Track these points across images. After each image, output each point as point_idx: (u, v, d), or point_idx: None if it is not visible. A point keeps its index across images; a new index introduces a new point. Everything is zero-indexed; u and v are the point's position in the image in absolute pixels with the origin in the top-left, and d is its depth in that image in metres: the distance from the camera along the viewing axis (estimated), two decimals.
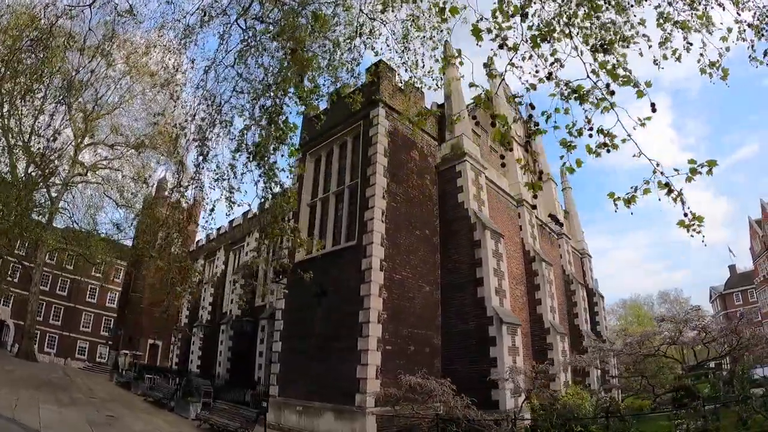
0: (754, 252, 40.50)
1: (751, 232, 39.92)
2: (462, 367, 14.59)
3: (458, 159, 17.66)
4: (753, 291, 46.60)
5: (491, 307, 14.87)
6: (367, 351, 12.79)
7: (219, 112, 8.67)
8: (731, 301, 49.68)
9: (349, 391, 12.79)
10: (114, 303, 42.42)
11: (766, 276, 37.77)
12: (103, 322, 41.67)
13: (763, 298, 39.31)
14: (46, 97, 21.30)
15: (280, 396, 15.36)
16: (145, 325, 40.28)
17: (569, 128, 4.59)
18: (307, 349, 14.90)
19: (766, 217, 36.77)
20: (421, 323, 15.11)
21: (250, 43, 8.15)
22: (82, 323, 40.53)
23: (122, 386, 25.86)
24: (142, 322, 40.45)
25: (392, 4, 7.13)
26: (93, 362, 39.04)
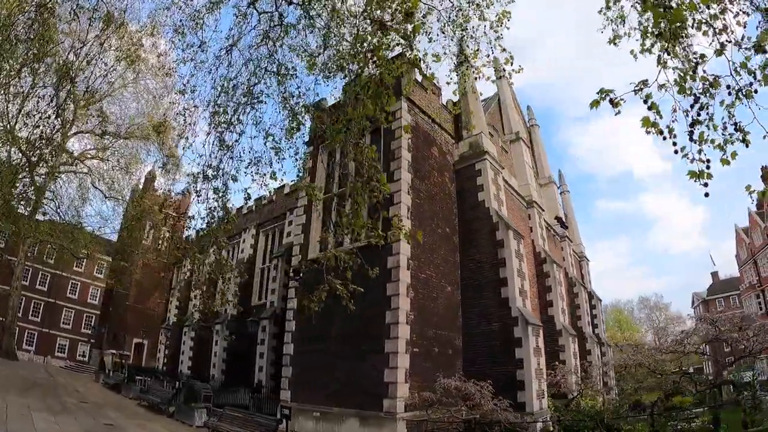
0: (740, 259, 41.59)
1: (738, 239, 40.99)
2: (485, 369, 14.17)
3: (478, 157, 17.32)
4: (735, 297, 47.91)
5: (516, 307, 14.67)
6: (396, 353, 12.22)
7: (250, 93, 8.08)
8: (714, 306, 50.90)
9: (375, 395, 12.20)
10: (96, 299, 40.53)
11: (752, 282, 38.77)
12: (85, 319, 39.76)
13: (748, 304, 40.36)
14: (35, 81, 20.04)
15: (293, 401, 14.60)
16: (131, 323, 38.60)
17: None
18: (324, 351, 14.20)
19: (753, 226, 37.76)
20: (444, 324, 14.67)
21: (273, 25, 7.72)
22: (62, 320, 38.58)
23: (111, 388, 24.50)
24: (127, 319, 38.72)
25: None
26: (74, 361, 37.21)
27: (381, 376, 12.26)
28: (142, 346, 38.39)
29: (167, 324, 32.21)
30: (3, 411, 11.92)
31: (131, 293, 39.44)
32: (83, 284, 40.22)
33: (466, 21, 8.37)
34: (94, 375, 29.42)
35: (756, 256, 37.15)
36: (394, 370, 12.11)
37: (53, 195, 30.27)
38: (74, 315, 39.18)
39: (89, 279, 40.39)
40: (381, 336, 12.69)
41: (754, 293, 38.23)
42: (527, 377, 13.71)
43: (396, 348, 12.28)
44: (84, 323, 39.51)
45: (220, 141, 8.08)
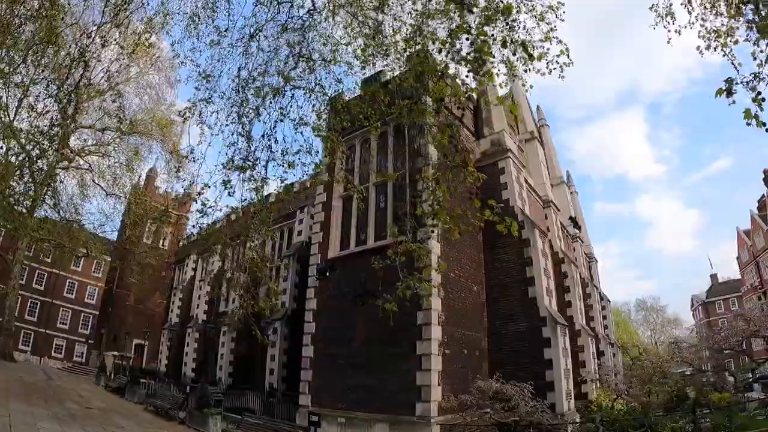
0: (741, 261, 41.88)
1: (739, 241, 41.26)
2: (512, 370, 13.82)
3: (501, 155, 17.03)
4: (735, 299, 48.30)
5: (544, 307, 14.45)
6: (430, 355, 11.83)
7: (289, 80, 7.66)
8: (713, 309, 51.33)
9: (406, 399, 11.80)
10: (93, 299, 39.68)
11: (753, 284, 39.04)
12: (82, 320, 38.95)
13: (750, 306, 40.61)
14: (36, 73, 19.32)
15: (314, 406, 14.13)
16: (131, 324, 37.74)
17: None
18: (348, 354, 13.74)
19: (755, 228, 38.03)
20: (471, 325, 14.34)
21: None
22: (59, 320, 37.72)
23: (114, 392, 23.72)
24: (127, 320, 37.86)
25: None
26: (72, 362, 36.34)
27: (413, 379, 11.88)
28: (143, 347, 37.57)
29: (170, 324, 31.47)
30: (6, 420, 11.24)
31: (131, 293, 38.59)
32: (81, 284, 39.39)
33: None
34: (95, 377, 28.63)
35: (758, 258, 37.40)
36: (427, 372, 11.72)
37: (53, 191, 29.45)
38: (71, 315, 38.35)
39: (87, 278, 39.55)
40: (411, 338, 12.30)
41: (755, 295, 38.50)
42: (557, 378, 13.46)
43: (429, 350, 11.90)
44: (81, 323, 38.69)
45: (245, 132, 7.69)
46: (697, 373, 33.93)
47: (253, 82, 8.60)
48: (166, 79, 32.96)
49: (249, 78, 8.62)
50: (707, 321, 51.87)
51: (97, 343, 36.90)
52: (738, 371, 31.57)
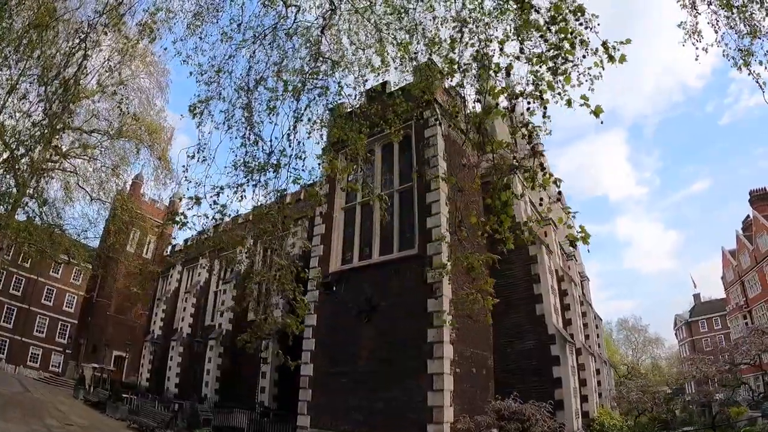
0: (726, 281, 42.64)
1: (724, 261, 42.04)
2: (519, 389, 13.50)
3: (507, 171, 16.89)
4: (718, 318, 49.14)
5: (552, 324, 14.29)
6: (442, 375, 11.39)
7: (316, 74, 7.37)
8: (697, 328, 52.06)
9: (416, 421, 11.30)
10: (72, 307, 38.00)
11: (739, 304, 39.72)
12: (60, 328, 37.21)
13: (735, 326, 41.31)
14: (23, 71, 18.55)
15: (313, 427, 13.48)
16: (111, 335, 36.17)
17: None
18: (351, 372, 13.18)
19: (741, 248, 38.84)
20: (478, 343, 13.98)
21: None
22: (36, 327, 35.98)
23: (94, 407, 22.54)
24: (107, 331, 36.29)
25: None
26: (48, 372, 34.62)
27: (423, 399, 11.41)
28: (123, 359, 35.99)
29: (152, 337, 30.22)
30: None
31: (112, 303, 37.08)
32: (59, 291, 37.78)
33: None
34: (73, 390, 27.20)
35: (744, 277, 38.11)
36: (439, 392, 11.27)
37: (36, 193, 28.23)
38: (49, 323, 36.69)
39: (66, 285, 37.94)
40: (422, 356, 11.86)
41: (740, 314, 39.16)
42: (566, 396, 13.19)
43: (441, 369, 11.46)
44: (59, 332, 37.00)
45: (254, 134, 7.33)
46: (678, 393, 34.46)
47: (264, 81, 8.37)
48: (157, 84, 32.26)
49: (260, 77, 8.41)
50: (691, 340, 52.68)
51: (75, 354, 35.24)
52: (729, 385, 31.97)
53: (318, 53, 7.95)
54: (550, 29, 4.96)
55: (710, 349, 47.97)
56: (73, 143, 31.78)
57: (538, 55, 5.00)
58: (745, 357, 19.03)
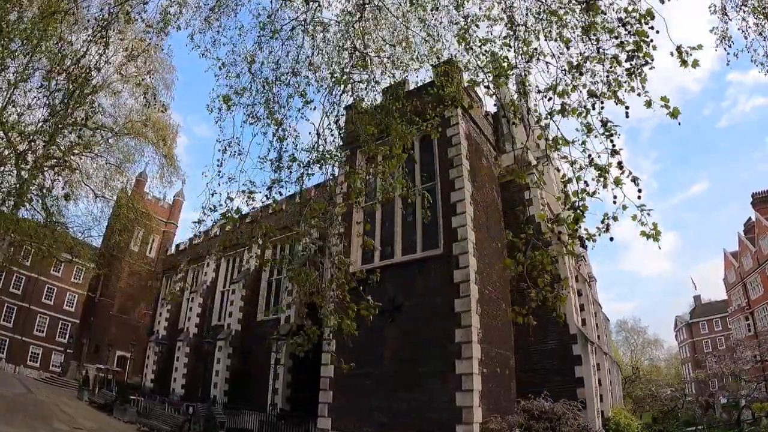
0: (728, 282, 42.91)
1: (726, 263, 42.31)
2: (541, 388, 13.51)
3: (526, 171, 16.86)
4: (719, 320, 49.44)
5: (574, 324, 14.40)
6: (471, 375, 11.29)
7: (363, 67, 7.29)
8: (697, 330, 52.35)
9: (444, 421, 11.19)
10: (73, 306, 37.47)
11: (741, 305, 39.99)
12: (60, 327, 36.68)
13: (737, 327, 41.59)
14: (28, 66, 18.24)
15: (335, 429, 13.29)
16: (114, 335, 35.71)
17: None
18: (374, 373, 12.99)
19: (743, 250, 39.10)
20: (501, 343, 13.91)
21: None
22: (36, 327, 35.46)
23: (99, 409, 22.07)
24: (110, 330, 35.82)
25: None
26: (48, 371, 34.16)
27: (451, 399, 11.30)
28: (126, 359, 35.53)
29: (157, 337, 29.86)
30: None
31: (115, 302, 36.63)
32: (60, 290, 37.28)
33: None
34: (77, 391, 26.79)
35: (746, 279, 38.37)
36: (468, 393, 11.17)
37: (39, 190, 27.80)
38: (49, 322, 36.20)
39: (66, 284, 37.45)
40: (449, 356, 11.76)
41: (742, 315, 39.42)
42: (588, 396, 13.23)
43: (470, 369, 11.36)
44: (59, 331, 36.47)
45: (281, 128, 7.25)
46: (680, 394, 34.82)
47: (297, 75, 8.34)
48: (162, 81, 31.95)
49: (293, 70, 8.36)
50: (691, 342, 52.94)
51: (77, 354, 34.76)
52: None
53: (354, 48, 7.89)
54: (621, 31, 4.93)
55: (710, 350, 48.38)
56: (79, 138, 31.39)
57: (614, 56, 4.97)
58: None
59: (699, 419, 28.02)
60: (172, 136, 31.54)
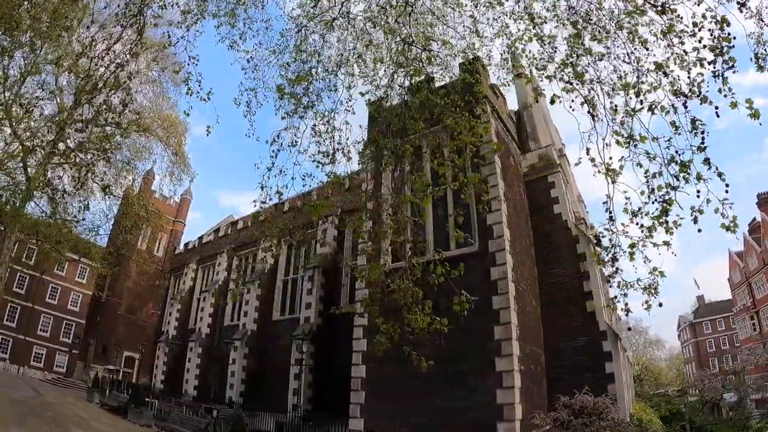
0: (733, 282, 43.26)
1: (731, 263, 42.65)
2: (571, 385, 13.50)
3: (551, 170, 16.95)
4: (722, 320, 49.81)
5: (603, 321, 14.39)
6: (512, 372, 11.25)
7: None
8: (701, 329, 52.72)
9: (484, 420, 11.11)
10: (77, 306, 37.01)
11: (746, 305, 40.32)
12: (64, 327, 36.19)
13: (742, 326, 41.92)
14: (36, 58, 17.95)
15: (368, 430, 13.17)
16: (122, 335, 35.28)
17: None
18: (409, 373, 12.69)
19: (748, 250, 39.43)
20: (533, 340, 13.89)
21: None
22: (40, 326, 34.99)
23: (112, 411, 21.41)
24: (117, 331, 35.39)
25: None
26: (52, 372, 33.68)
27: (492, 397, 11.23)
28: (133, 360, 35.11)
29: (167, 337, 29.55)
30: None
31: (123, 302, 36.20)
32: (64, 289, 36.87)
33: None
34: (86, 393, 26.37)
35: (751, 279, 38.71)
36: (509, 390, 11.12)
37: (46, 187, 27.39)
38: (53, 322, 35.74)
39: (71, 284, 37.01)
40: (488, 354, 11.70)
41: (747, 315, 39.74)
42: (619, 391, 13.29)
43: (510, 366, 11.32)
44: (63, 331, 36.00)
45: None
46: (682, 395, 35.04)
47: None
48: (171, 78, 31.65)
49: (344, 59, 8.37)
50: (695, 341, 53.29)
51: (83, 354, 34.29)
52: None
53: (409, 40, 7.92)
54: (703, 35, 5.03)
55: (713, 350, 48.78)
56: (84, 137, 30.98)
57: (699, 58, 5.06)
58: None
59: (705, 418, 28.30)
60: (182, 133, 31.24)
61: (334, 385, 18.80)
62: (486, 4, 8.08)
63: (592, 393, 12.15)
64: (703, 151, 5.27)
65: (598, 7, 6.59)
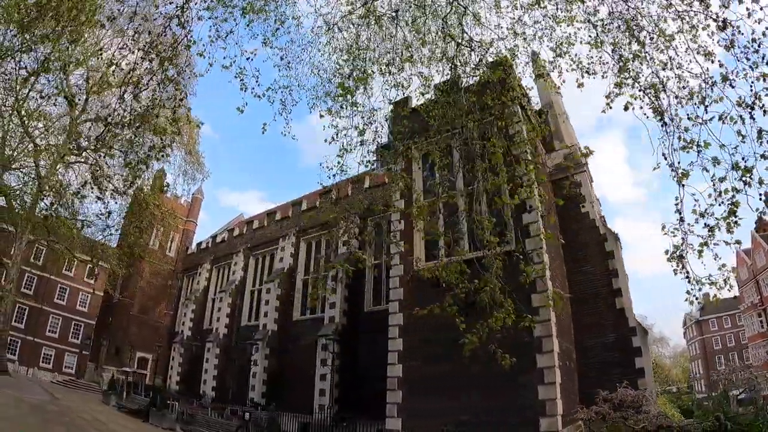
0: (740, 280, 43.55)
1: (738, 260, 42.93)
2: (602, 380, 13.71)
3: (577, 169, 17.04)
4: (728, 318, 50.18)
5: (633, 317, 14.66)
6: (553, 368, 11.44)
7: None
8: (707, 327, 53.08)
9: (527, 416, 11.27)
10: (86, 306, 36.82)
11: (753, 302, 40.69)
12: (73, 328, 36.00)
13: (749, 323, 42.30)
14: (49, 56, 17.90)
15: (406, 430, 13.22)
16: (134, 336, 35.15)
17: None
18: (449, 372, 12.91)
19: (756, 247, 39.76)
20: (567, 336, 14.05)
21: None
22: (48, 327, 34.82)
23: (132, 415, 20.94)
24: (130, 331, 35.26)
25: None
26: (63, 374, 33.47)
27: (533, 394, 11.40)
28: (146, 361, 35.00)
29: (182, 338, 29.52)
30: None
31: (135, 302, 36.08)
32: (73, 289, 36.67)
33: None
34: (102, 396, 26.25)
35: (759, 276, 39.08)
36: (551, 386, 11.31)
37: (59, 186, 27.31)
38: (61, 322, 35.56)
39: (79, 284, 36.84)
40: (529, 351, 11.80)
41: (755, 312, 40.11)
42: (649, 385, 13.53)
43: (552, 362, 11.51)
44: (72, 332, 35.83)
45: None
46: None
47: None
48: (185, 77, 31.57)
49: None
50: (701, 339, 53.65)
51: (94, 355, 34.15)
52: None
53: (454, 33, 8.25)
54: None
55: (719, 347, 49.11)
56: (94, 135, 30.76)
57: (763, 74, 5.36)
58: None
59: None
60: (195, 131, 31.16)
61: (358, 385, 18.89)
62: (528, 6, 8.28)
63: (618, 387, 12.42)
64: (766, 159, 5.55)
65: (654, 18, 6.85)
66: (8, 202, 28.59)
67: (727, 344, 49.12)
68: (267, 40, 8.35)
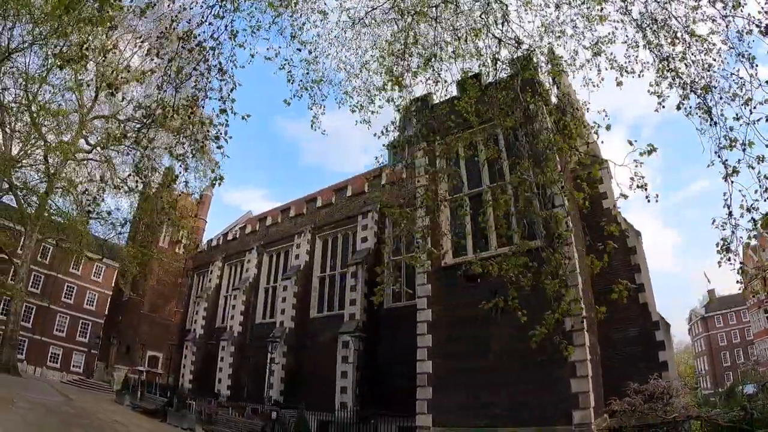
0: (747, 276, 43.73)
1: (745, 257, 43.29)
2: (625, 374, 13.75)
3: (599, 165, 17.11)
4: (733, 314, 50.46)
5: (656, 312, 14.82)
6: (585, 361, 11.54)
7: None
8: (713, 323, 53.36)
9: (560, 409, 11.39)
10: (93, 305, 36.78)
11: (759, 299, 40.87)
12: (81, 327, 35.97)
13: (755, 320, 42.53)
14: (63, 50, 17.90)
15: (437, 425, 13.21)
16: (145, 334, 35.11)
17: None
18: (482, 367, 13.00)
19: (762, 244, 39.90)
20: (593, 330, 14.15)
21: None
22: (56, 326, 34.78)
23: (149, 415, 20.81)
24: (140, 330, 35.21)
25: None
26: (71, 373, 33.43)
27: (566, 387, 11.48)
28: (157, 360, 34.95)
29: (195, 336, 29.50)
30: None
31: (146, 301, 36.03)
32: (80, 288, 36.65)
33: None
34: (115, 395, 26.16)
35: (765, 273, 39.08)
36: (583, 379, 11.41)
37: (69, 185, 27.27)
38: (69, 321, 35.53)
39: (87, 282, 36.83)
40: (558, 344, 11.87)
41: (762, 308, 40.31)
42: (673, 378, 13.65)
43: (584, 356, 11.60)
44: (80, 331, 35.79)
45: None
46: None
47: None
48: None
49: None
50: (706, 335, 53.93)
51: (103, 354, 34.08)
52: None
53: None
54: None
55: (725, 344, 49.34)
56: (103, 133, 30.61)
57: None
58: None
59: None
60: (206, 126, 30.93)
61: (380, 381, 18.95)
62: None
63: (642, 381, 12.52)
64: None
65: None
66: (18, 201, 28.56)
67: (733, 341, 49.39)
68: (295, 35, 8.46)
